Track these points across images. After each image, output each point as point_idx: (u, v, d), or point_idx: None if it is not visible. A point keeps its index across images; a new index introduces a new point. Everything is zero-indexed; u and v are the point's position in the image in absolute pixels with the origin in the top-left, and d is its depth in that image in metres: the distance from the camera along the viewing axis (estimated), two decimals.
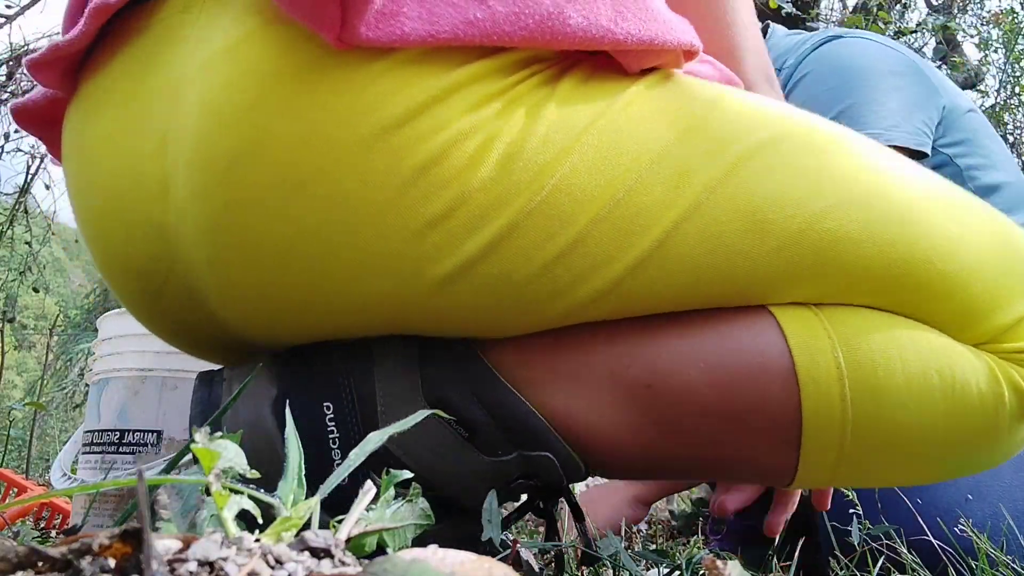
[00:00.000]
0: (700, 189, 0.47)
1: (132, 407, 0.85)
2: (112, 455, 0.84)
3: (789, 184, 0.47)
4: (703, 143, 0.48)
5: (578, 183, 0.46)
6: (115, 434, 0.84)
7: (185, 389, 0.83)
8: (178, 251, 0.53)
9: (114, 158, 0.55)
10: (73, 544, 0.25)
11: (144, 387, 0.85)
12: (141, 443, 0.83)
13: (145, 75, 0.54)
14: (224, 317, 0.56)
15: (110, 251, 0.58)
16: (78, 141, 0.58)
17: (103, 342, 0.90)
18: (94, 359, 0.92)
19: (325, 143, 0.46)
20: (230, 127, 0.48)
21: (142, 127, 0.53)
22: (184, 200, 0.51)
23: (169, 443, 0.83)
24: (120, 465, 0.83)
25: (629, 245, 0.47)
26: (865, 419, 0.49)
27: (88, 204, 0.58)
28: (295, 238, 0.49)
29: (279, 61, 0.47)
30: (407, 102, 0.46)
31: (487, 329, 0.53)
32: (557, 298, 0.49)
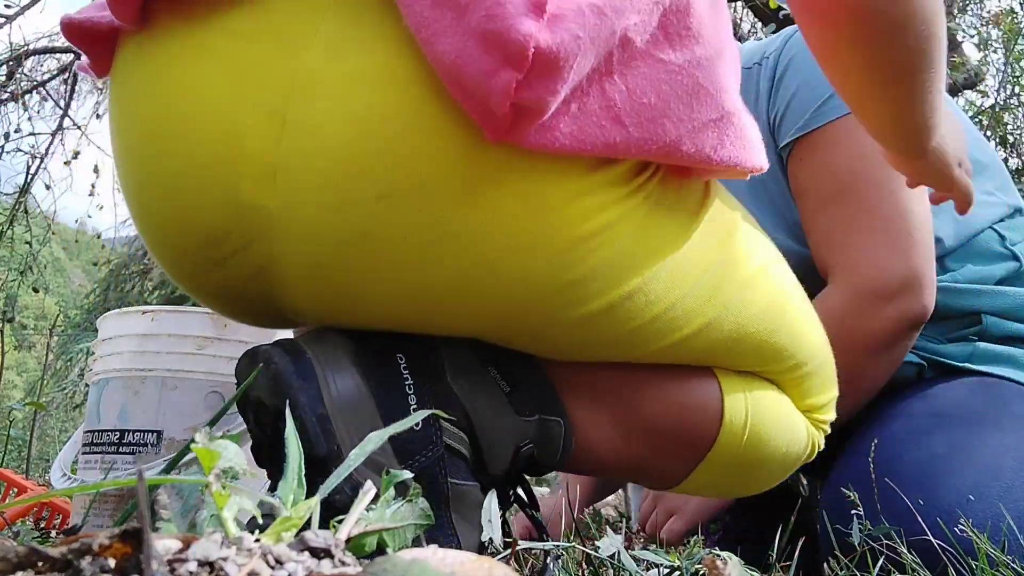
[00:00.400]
0: (720, 306, 0.66)
1: (132, 407, 0.85)
2: (112, 455, 0.84)
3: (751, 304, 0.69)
4: (725, 271, 0.67)
5: (662, 280, 0.63)
6: (115, 434, 0.84)
7: (185, 389, 0.83)
8: (269, 235, 0.56)
9: (206, 116, 0.55)
10: (73, 544, 0.25)
11: (144, 387, 0.85)
12: (141, 443, 0.83)
13: (258, 43, 0.54)
14: (293, 301, 0.60)
15: (172, 206, 0.59)
16: (152, 81, 0.58)
17: (103, 342, 0.90)
18: (94, 359, 0.92)
19: (505, 233, 0.56)
20: (388, 167, 0.53)
21: (251, 97, 0.54)
22: (301, 198, 0.54)
23: (169, 443, 0.83)
24: (120, 465, 0.83)
25: (677, 330, 0.65)
26: (749, 453, 0.73)
27: (153, 150, 0.58)
28: (435, 278, 0.57)
29: (447, 137, 0.53)
30: (576, 211, 0.58)
31: (551, 353, 0.68)
32: (616, 349, 0.66)
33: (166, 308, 0.86)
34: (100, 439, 0.85)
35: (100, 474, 0.83)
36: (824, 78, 1.07)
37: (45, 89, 4.90)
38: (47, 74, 4.92)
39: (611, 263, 0.59)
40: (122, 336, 0.88)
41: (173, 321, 0.85)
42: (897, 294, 1.01)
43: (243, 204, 0.55)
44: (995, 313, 1.08)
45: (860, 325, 1.01)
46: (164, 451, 0.83)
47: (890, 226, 1.01)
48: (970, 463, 0.90)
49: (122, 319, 0.89)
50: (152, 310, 0.87)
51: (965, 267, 1.09)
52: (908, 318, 1.01)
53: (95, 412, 0.87)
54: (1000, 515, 0.84)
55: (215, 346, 0.84)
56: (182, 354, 0.84)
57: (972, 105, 2.91)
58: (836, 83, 0.83)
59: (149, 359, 0.85)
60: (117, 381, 0.87)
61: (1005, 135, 2.82)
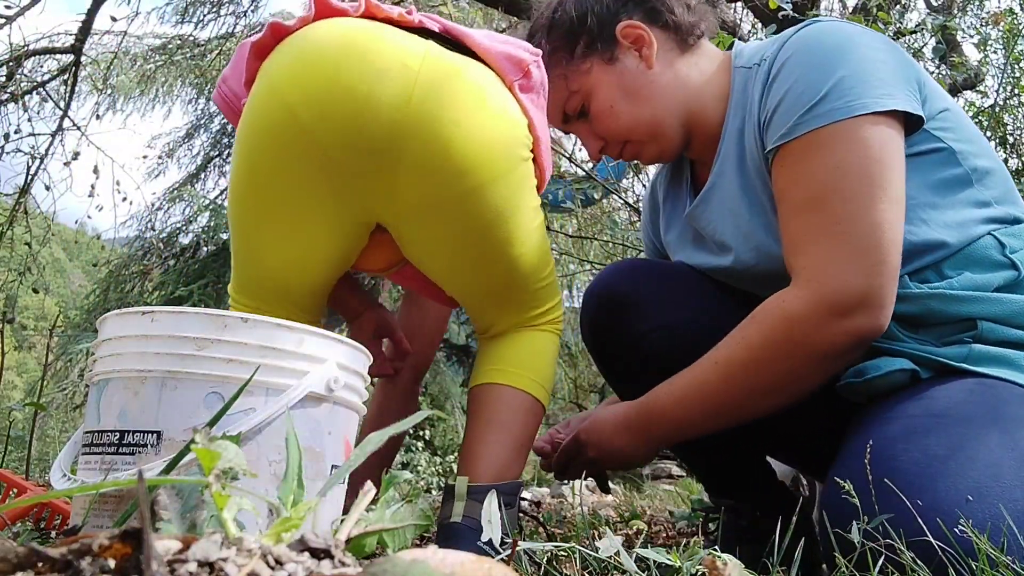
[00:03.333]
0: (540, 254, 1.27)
1: (132, 408, 0.84)
2: (112, 456, 0.83)
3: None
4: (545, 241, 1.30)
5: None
6: (115, 435, 0.84)
7: (185, 389, 0.83)
8: (403, 128, 1.07)
9: (385, 47, 1.07)
10: (73, 545, 0.25)
11: (144, 388, 0.84)
12: (141, 444, 0.83)
13: (397, 33, 1.10)
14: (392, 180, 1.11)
15: (360, 88, 1.05)
16: (342, 30, 1.08)
17: (103, 343, 0.90)
18: (93, 360, 0.92)
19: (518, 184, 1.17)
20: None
21: (406, 48, 1.08)
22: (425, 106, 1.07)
23: (169, 444, 0.83)
24: (120, 466, 0.83)
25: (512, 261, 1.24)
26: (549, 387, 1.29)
27: (349, 59, 1.06)
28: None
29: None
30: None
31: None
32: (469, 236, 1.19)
33: (166, 309, 0.86)
34: (100, 440, 0.85)
35: (100, 475, 0.83)
36: (819, 79, 1.08)
37: (45, 90, 4.90)
38: (47, 74, 4.92)
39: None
40: (122, 337, 0.88)
41: (172, 322, 0.85)
42: (854, 310, 1.02)
43: (407, 66, 1.06)
44: (991, 319, 1.08)
45: (812, 334, 1.03)
46: (164, 452, 0.83)
47: (858, 241, 1.02)
48: (969, 464, 0.90)
49: (122, 320, 0.89)
50: (152, 311, 0.87)
51: (963, 274, 1.09)
52: (860, 335, 1.03)
53: (95, 413, 0.87)
54: (999, 516, 0.84)
55: (215, 347, 0.84)
56: (182, 355, 0.84)
57: (972, 105, 2.92)
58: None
59: (149, 360, 0.85)
60: (117, 382, 0.86)
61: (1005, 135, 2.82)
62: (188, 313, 0.86)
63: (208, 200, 5.20)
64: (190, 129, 5.91)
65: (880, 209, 1.02)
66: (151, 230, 5.36)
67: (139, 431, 0.83)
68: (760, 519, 1.30)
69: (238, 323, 0.84)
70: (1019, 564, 0.79)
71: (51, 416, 5.50)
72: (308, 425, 0.85)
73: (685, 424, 1.15)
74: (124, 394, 0.85)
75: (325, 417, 0.87)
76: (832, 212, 1.03)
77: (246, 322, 0.85)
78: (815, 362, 1.05)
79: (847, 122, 1.03)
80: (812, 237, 1.05)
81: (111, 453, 0.83)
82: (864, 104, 1.03)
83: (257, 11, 5.52)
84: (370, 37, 1.07)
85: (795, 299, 1.05)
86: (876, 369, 1.07)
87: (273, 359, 0.84)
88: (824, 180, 1.04)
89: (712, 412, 1.12)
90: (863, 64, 1.06)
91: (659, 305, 1.26)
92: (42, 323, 9.55)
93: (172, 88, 5.62)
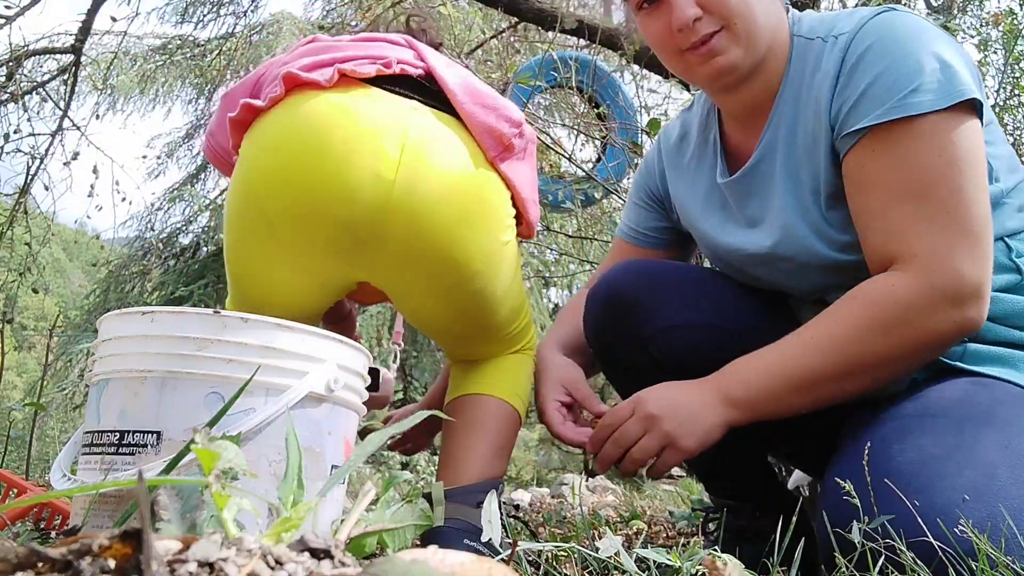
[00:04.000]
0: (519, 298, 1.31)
1: (132, 408, 0.84)
2: (112, 456, 0.83)
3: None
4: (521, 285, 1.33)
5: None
6: (115, 435, 0.84)
7: (185, 390, 0.83)
8: (387, 201, 1.08)
9: (365, 130, 1.07)
10: (73, 545, 0.25)
11: (144, 388, 0.84)
12: (141, 444, 0.83)
13: (384, 105, 1.11)
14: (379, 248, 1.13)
15: (340, 172, 1.06)
16: (329, 106, 1.09)
17: (103, 343, 0.90)
18: (94, 360, 0.92)
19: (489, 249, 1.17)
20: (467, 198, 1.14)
21: (389, 126, 1.08)
22: (410, 183, 1.09)
23: (169, 444, 0.83)
24: (120, 466, 0.83)
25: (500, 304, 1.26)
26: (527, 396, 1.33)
27: (328, 141, 1.06)
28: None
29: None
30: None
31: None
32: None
33: (166, 309, 0.86)
34: (100, 440, 0.85)
35: (100, 475, 0.83)
36: (909, 69, 1.04)
37: (45, 90, 4.90)
38: (47, 75, 4.92)
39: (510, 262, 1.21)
40: (122, 337, 0.88)
41: (173, 322, 0.85)
42: (967, 300, 1.00)
43: (380, 176, 1.06)
44: (990, 318, 1.08)
45: (923, 320, 1.00)
46: (164, 452, 0.83)
47: (970, 232, 1.00)
48: (965, 463, 0.90)
49: (122, 320, 0.89)
50: (152, 311, 0.87)
51: None
52: (967, 325, 1.01)
53: (95, 413, 0.87)
54: (997, 515, 0.84)
55: (215, 347, 0.84)
56: (182, 355, 0.84)
57: None
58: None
59: (149, 360, 0.85)
60: (117, 382, 0.86)
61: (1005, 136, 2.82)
62: (188, 313, 0.86)
63: (208, 200, 5.20)
64: (190, 129, 5.91)
65: (983, 201, 1.01)
66: (151, 230, 5.37)
67: (139, 431, 0.83)
68: (760, 519, 1.30)
69: (238, 323, 0.84)
70: (1019, 564, 0.79)
71: (51, 416, 5.50)
72: (308, 425, 0.85)
73: (764, 395, 1.07)
74: (124, 394, 0.85)
75: (325, 417, 0.87)
76: (941, 201, 1.01)
77: (246, 322, 0.85)
78: (919, 348, 1.03)
79: (947, 112, 1.01)
80: (921, 225, 1.01)
81: (111, 453, 0.83)
82: (960, 92, 1.02)
83: (257, 11, 5.53)
84: (343, 138, 1.06)
85: (907, 285, 1.01)
86: None
87: (273, 359, 0.84)
88: (929, 167, 1.01)
89: (795, 385, 1.06)
90: (949, 56, 1.04)
91: (668, 306, 1.25)
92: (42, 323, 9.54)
93: (172, 88, 5.62)
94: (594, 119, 3.12)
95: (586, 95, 3.24)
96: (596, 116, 3.11)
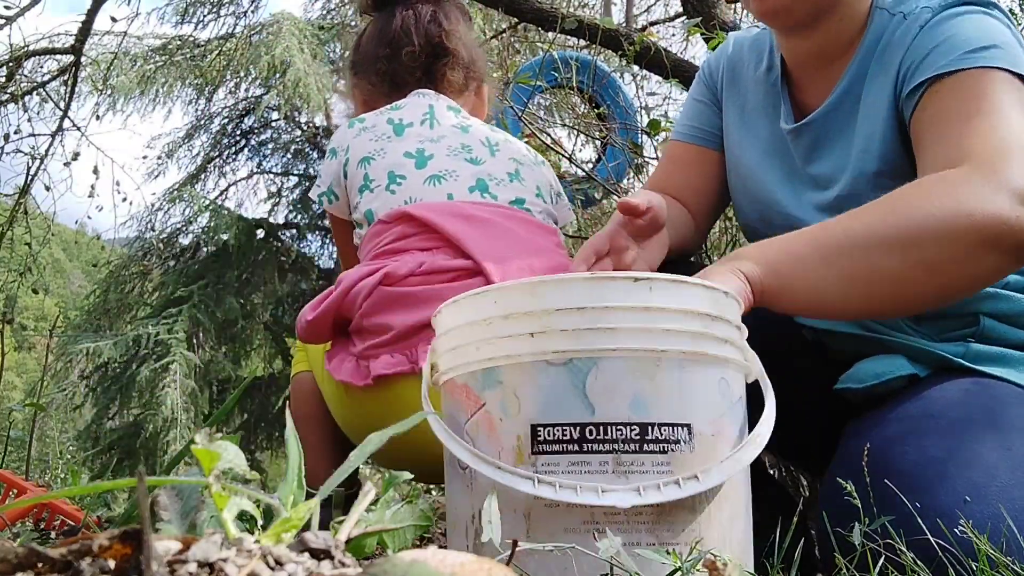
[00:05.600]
0: None
1: (648, 395, 0.69)
2: (632, 455, 0.68)
3: None
4: None
5: None
6: (632, 429, 0.68)
7: (699, 373, 0.71)
8: None
9: None
10: (73, 545, 0.25)
11: (660, 371, 0.69)
12: (673, 440, 0.68)
13: None
14: None
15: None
16: None
17: (579, 311, 0.70)
18: (550, 333, 0.70)
19: None
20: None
21: None
22: None
23: (700, 439, 0.69)
24: (649, 467, 0.68)
25: None
26: None
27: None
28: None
29: None
30: None
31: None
32: None
33: (664, 276, 0.72)
34: (603, 435, 0.68)
35: (620, 478, 0.67)
36: (981, 35, 1.00)
37: (45, 90, 4.90)
38: (47, 75, 4.92)
39: None
40: (615, 308, 0.70)
41: (673, 293, 0.71)
42: (1017, 198, 0.90)
43: None
44: (995, 316, 1.08)
45: (971, 198, 0.89)
46: (698, 449, 0.70)
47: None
48: (966, 465, 0.90)
49: (609, 288, 0.71)
50: (648, 277, 0.71)
51: None
52: (1012, 221, 0.89)
53: (577, 399, 0.68)
54: (998, 516, 0.84)
55: (716, 325, 0.72)
56: (692, 332, 0.71)
57: None
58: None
59: (660, 337, 0.70)
60: (618, 363, 0.69)
61: None
62: (689, 283, 0.74)
63: (208, 201, 5.20)
64: (190, 130, 5.91)
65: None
66: (151, 230, 5.36)
67: (666, 424, 0.69)
68: (759, 519, 1.30)
69: (724, 297, 0.74)
70: (1018, 565, 0.79)
71: (51, 416, 5.49)
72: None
73: (783, 254, 0.93)
74: (634, 378, 0.69)
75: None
76: (1008, 122, 0.96)
77: (727, 296, 0.75)
78: (964, 230, 0.89)
79: (1014, 75, 1.00)
80: (989, 138, 0.95)
81: (631, 451, 0.68)
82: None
83: (257, 11, 5.53)
84: None
85: (959, 171, 0.92)
86: (876, 376, 1.06)
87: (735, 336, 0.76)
88: (996, 103, 0.97)
89: (821, 244, 0.93)
90: (1018, 43, 1.04)
91: None
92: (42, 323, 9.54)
93: (172, 89, 5.61)
94: (594, 119, 3.12)
95: (586, 95, 3.24)
96: (596, 116, 3.11)
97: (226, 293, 4.62)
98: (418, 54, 1.50)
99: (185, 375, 4.34)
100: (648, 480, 0.67)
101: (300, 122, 5.99)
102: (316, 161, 6.16)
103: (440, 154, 1.35)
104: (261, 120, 5.88)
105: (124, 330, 4.68)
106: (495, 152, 1.39)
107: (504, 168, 1.36)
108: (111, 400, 4.61)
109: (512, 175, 1.36)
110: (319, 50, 5.02)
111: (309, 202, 5.86)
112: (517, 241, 1.21)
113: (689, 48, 4.28)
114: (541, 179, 1.42)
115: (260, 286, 4.92)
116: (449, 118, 1.45)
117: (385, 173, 1.34)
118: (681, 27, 3.94)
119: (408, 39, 1.51)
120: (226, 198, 5.93)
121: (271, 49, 4.73)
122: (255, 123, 5.95)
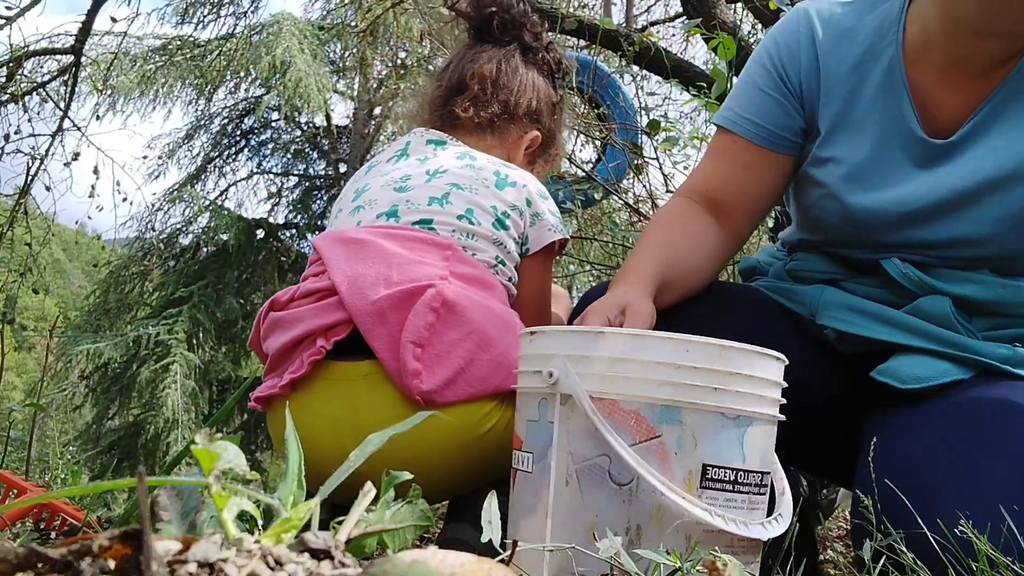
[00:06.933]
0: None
1: (766, 451, 0.87)
2: (756, 496, 0.85)
3: None
4: None
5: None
6: (757, 476, 0.85)
7: (759, 430, 0.85)
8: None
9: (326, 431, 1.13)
10: (73, 545, 0.25)
11: (763, 432, 0.86)
12: (762, 485, 0.86)
13: (339, 405, 1.16)
14: None
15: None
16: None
17: (744, 378, 0.84)
18: (726, 392, 0.83)
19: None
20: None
21: (343, 424, 1.13)
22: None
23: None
24: (759, 506, 0.85)
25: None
26: None
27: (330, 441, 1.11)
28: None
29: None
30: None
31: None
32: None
33: (742, 347, 0.84)
34: (746, 479, 0.84)
35: (748, 511, 0.83)
36: None
37: (45, 90, 4.90)
38: (47, 75, 4.92)
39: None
40: (766, 380, 0.86)
41: (777, 369, 0.88)
42: None
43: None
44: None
45: None
46: (767, 492, 0.87)
47: None
48: (1006, 482, 0.89)
49: (774, 366, 0.88)
50: (779, 358, 0.88)
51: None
52: None
53: (738, 450, 0.83)
54: (999, 516, 0.84)
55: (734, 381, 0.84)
56: (775, 400, 0.88)
57: None
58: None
59: (767, 404, 0.86)
60: (760, 423, 0.85)
61: None
62: (777, 361, 0.88)
63: (208, 201, 5.20)
64: (190, 130, 5.92)
65: None
66: (151, 231, 5.37)
67: (766, 472, 0.87)
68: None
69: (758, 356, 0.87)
70: (1018, 565, 0.79)
71: (51, 417, 5.49)
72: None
73: None
74: (765, 436, 0.87)
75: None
76: None
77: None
78: None
79: None
80: None
81: (756, 493, 0.85)
82: None
83: (257, 12, 5.53)
84: None
85: None
86: (917, 380, 1.03)
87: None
88: None
89: None
90: None
91: (684, 317, 1.11)
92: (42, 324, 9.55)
93: (172, 89, 5.62)
94: (594, 120, 3.12)
95: (586, 96, 3.24)
96: (596, 117, 3.11)
97: (226, 293, 4.63)
98: (443, 90, 1.46)
99: (185, 375, 4.34)
100: (756, 517, 0.84)
101: (300, 122, 5.99)
102: (316, 161, 6.17)
103: (375, 186, 1.32)
104: (261, 120, 5.89)
105: (124, 330, 4.68)
106: (432, 179, 1.30)
107: (429, 194, 1.27)
108: (111, 400, 4.61)
109: (437, 199, 1.26)
110: (319, 50, 5.03)
111: (308, 202, 5.86)
112: (381, 257, 1.15)
113: (689, 48, 4.30)
114: (493, 202, 1.28)
115: (260, 286, 4.92)
116: (420, 151, 1.38)
117: (337, 209, 1.40)
118: (681, 27, 3.95)
119: (443, 76, 1.48)
120: (226, 198, 5.94)
121: (271, 49, 4.74)
122: (255, 123, 5.95)
